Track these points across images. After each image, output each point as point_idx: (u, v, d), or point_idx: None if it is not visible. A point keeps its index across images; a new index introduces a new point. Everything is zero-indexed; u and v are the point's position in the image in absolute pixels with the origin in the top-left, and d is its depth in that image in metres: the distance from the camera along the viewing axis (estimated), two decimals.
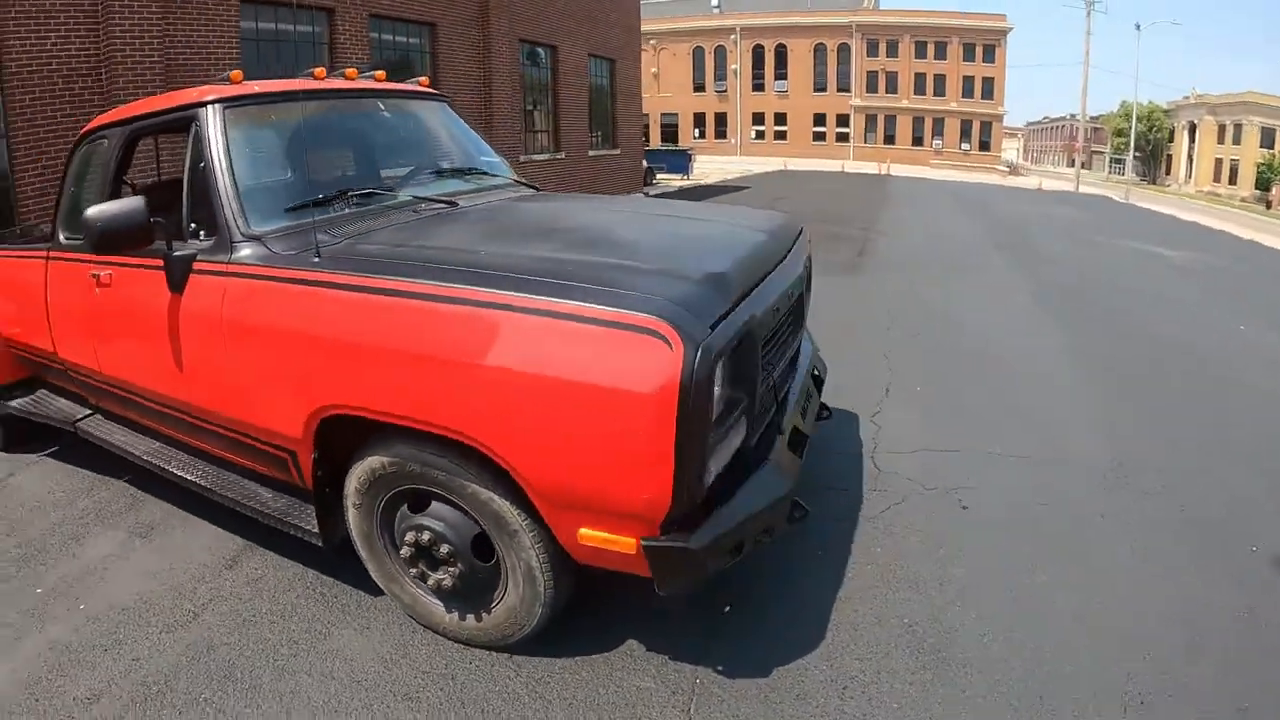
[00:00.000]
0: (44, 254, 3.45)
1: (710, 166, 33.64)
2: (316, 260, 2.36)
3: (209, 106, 2.72)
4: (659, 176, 25.53)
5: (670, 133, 48.98)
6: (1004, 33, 46.02)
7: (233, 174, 2.59)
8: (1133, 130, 42.70)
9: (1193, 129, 51.28)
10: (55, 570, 3.15)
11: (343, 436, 2.32)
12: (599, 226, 2.73)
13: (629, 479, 1.83)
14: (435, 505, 2.27)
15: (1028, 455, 3.76)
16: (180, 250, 2.64)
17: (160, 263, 2.68)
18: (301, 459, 2.45)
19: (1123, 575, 2.76)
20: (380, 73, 3.52)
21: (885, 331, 6.08)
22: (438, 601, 2.42)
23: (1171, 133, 55.57)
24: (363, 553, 2.53)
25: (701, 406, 1.76)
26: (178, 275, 2.63)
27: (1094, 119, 60.45)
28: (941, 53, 46.47)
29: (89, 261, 3.09)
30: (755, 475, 2.14)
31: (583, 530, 1.96)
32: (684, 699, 2.23)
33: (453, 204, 3.01)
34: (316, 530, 2.50)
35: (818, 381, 3.14)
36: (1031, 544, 2.96)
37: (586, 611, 2.54)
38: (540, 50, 16.46)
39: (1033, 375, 5.01)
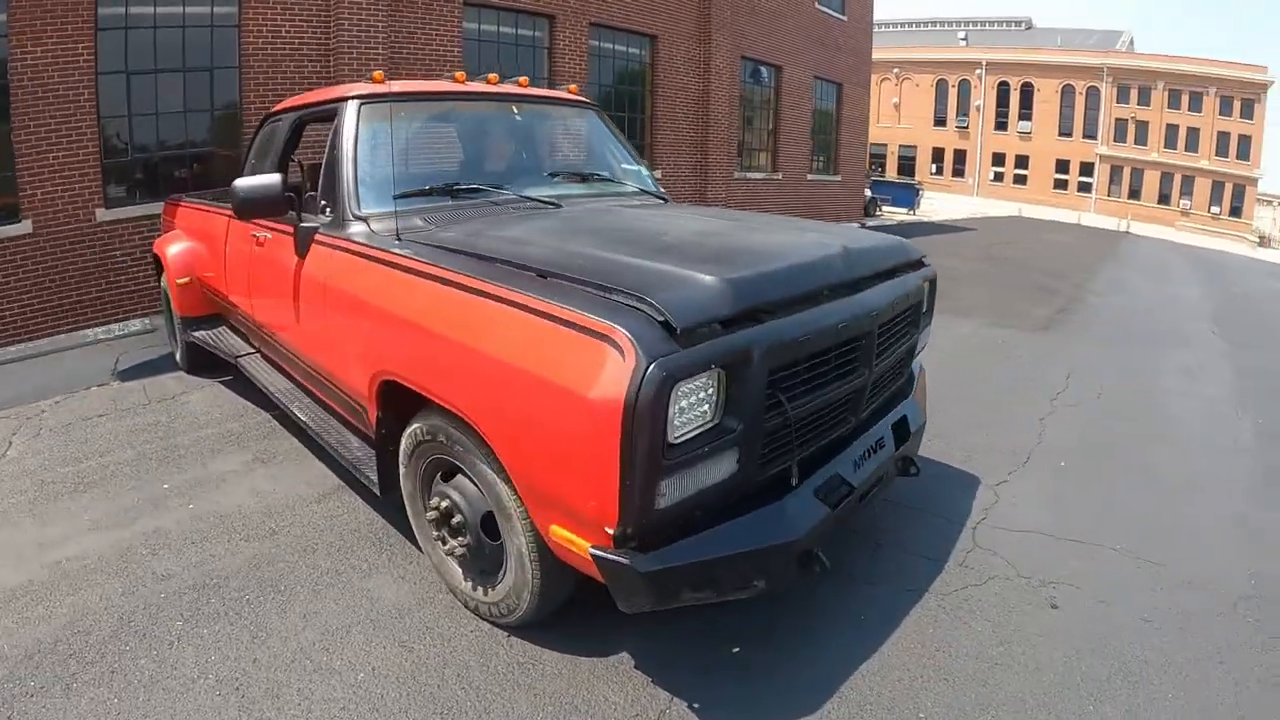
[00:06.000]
0: (229, 212, 3.97)
1: (941, 204, 31.69)
2: (397, 242, 2.59)
3: (349, 102, 3.07)
4: (884, 209, 24.37)
5: (908, 165, 46.73)
6: (1264, 87, 38.79)
7: (355, 161, 2.91)
8: None
9: None
10: (185, 474, 3.72)
11: (403, 401, 2.49)
12: (660, 230, 2.69)
13: (580, 483, 1.83)
14: (459, 478, 2.38)
15: (1155, 562, 3.15)
16: (307, 223, 2.99)
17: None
18: (370, 414, 2.65)
19: None
20: (524, 78, 3.68)
21: (1054, 398, 5.42)
22: (458, 568, 2.54)
23: None
24: (409, 510, 2.75)
25: (651, 424, 1.69)
26: (302, 244, 3.03)
27: None
28: (1196, 104, 39.92)
29: (254, 223, 3.51)
30: (751, 515, 2.01)
31: (554, 528, 1.98)
32: None
33: (556, 204, 3.08)
34: (376, 481, 2.72)
35: (901, 432, 2.83)
36: (1110, 668, 2.45)
37: (598, 611, 2.49)
38: (763, 69, 16.27)
39: (1197, 470, 4.23)
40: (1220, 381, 6.38)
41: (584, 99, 3.94)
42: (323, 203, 3.01)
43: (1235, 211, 40.56)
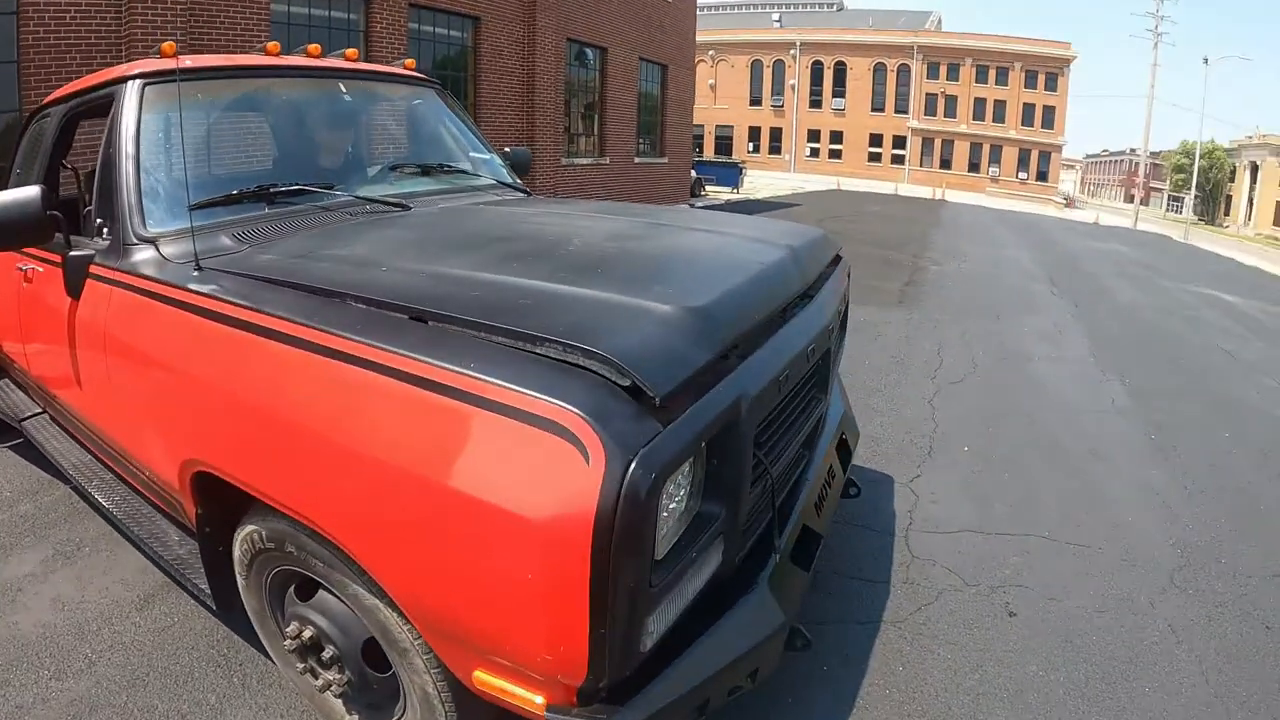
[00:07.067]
0: None
1: (762, 181, 33.00)
2: (196, 274, 1.93)
3: (129, 83, 2.37)
4: (708, 189, 25.06)
5: (724, 145, 48.46)
6: (1067, 61, 44.28)
7: (137, 162, 2.20)
8: (1195, 169, 40.29)
9: (1254, 170, 48.88)
10: None
11: (230, 494, 1.86)
12: (560, 237, 2.20)
13: (524, 631, 1.29)
14: (322, 595, 1.79)
15: (1084, 544, 3.19)
16: (78, 250, 2.29)
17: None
18: (186, 509, 2.03)
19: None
20: (351, 51, 3.08)
21: (933, 375, 5.50)
22: (339, 702, 1.96)
23: (1233, 172, 53.12)
24: (257, 629, 2.12)
25: (635, 548, 1.21)
26: (74, 279, 2.30)
27: (1154, 155, 58.29)
28: (1003, 79, 44.99)
29: (21, 253, 2.77)
30: (733, 612, 1.59)
31: (478, 673, 1.45)
32: None
33: (404, 206, 2.55)
34: (209, 592, 2.09)
35: (845, 453, 2.57)
36: (1086, 672, 2.40)
37: None
38: (589, 51, 16.11)
39: (1089, 438, 4.41)
40: (1077, 343, 6.82)
41: (424, 76, 3.40)
42: (99, 221, 2.30)
43: (1042, 176, 45.69)
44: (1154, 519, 3.45)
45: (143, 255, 2.13)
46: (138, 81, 2.33)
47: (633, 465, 1.17)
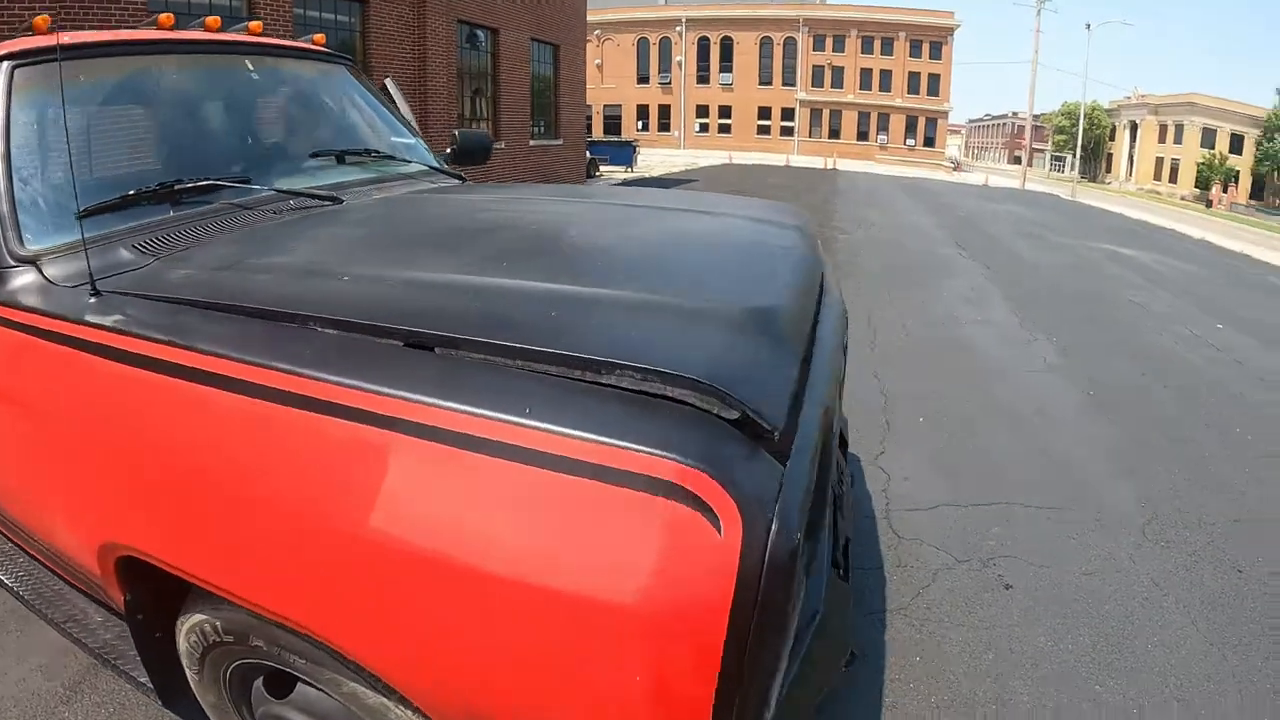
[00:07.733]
0: None
1: (654, 159, 33.02)
2: (94, 299, 1.55)
3: None
4: (602, 169, 24.93)
5: (613, 125, 48.27)
6: (951, 30, 46.46)
7: (8, 164, 1.77)
8: (1080, 129, 42.67)
9: (1134, 128, 52.60)
10: None
11: (168, 576, 1.46)
12: (545, 227, 1.89)
13: None
14: (303, 689, 1.47)
15: (1056, 507, 3.21)
16: None
17: None
18: (112, 595, 1.66)
19: (1206, 668, 2.24)
20: (255, 24, 2.72)
21: (870, 346, 5.51)
22: None
23: (1112, 131, 56.90)
24: None
25: (777, 627, 0.94)
26: None
27: (1036, 117, 62.07)
28: (888, 48, 46.77)
29: None
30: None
31: None
32: None
33: (335, 199, 2.20)
34: (151, 686, 1.68)
35: (842, 445, 2.42)
36: (1091, 637, 2.41)
37: None
38: (480, 33, 15.56)
39: (1033, 398, 4.51)
40: (997, 305, 7.02)
41: (335, 52, 3.04)
42: None
43: (929, 142, 47.80)
44: (1113, 475, 3.52)
45: (21, 280, 1.72)
46: (5, 65, 1.90)
47: (773, 528, 0.90)
